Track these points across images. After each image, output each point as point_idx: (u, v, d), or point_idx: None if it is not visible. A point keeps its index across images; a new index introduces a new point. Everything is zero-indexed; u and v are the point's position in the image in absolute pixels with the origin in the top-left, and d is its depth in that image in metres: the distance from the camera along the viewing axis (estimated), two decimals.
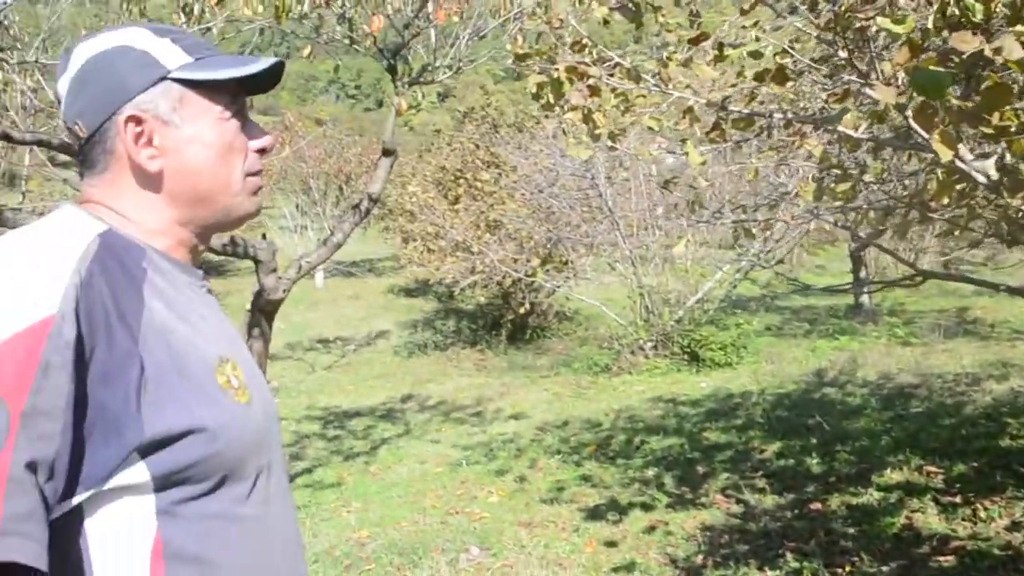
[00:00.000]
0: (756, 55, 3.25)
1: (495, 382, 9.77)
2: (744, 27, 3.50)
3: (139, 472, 0.94)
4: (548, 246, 10.77)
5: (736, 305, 11.17)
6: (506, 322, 12.22)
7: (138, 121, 1.05)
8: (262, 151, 1.16)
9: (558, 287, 10.83)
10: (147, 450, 0.93)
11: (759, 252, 8.41)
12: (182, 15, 4.17)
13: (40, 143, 4.12)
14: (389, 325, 14.44)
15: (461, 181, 12.22)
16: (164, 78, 1.06)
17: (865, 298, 11.19)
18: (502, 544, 4.48)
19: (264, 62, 1.10)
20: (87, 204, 1.09)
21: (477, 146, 12.38)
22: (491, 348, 11.92)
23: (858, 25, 2.75)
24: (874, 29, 2.71)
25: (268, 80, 1.15)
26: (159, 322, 0.99)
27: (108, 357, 0.92)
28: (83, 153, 1.10)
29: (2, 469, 0.83)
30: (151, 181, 1.08)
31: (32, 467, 0.86)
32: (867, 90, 2.77)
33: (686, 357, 9.07)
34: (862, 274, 11.11)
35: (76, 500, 0.92)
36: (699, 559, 4.00)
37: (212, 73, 1.08)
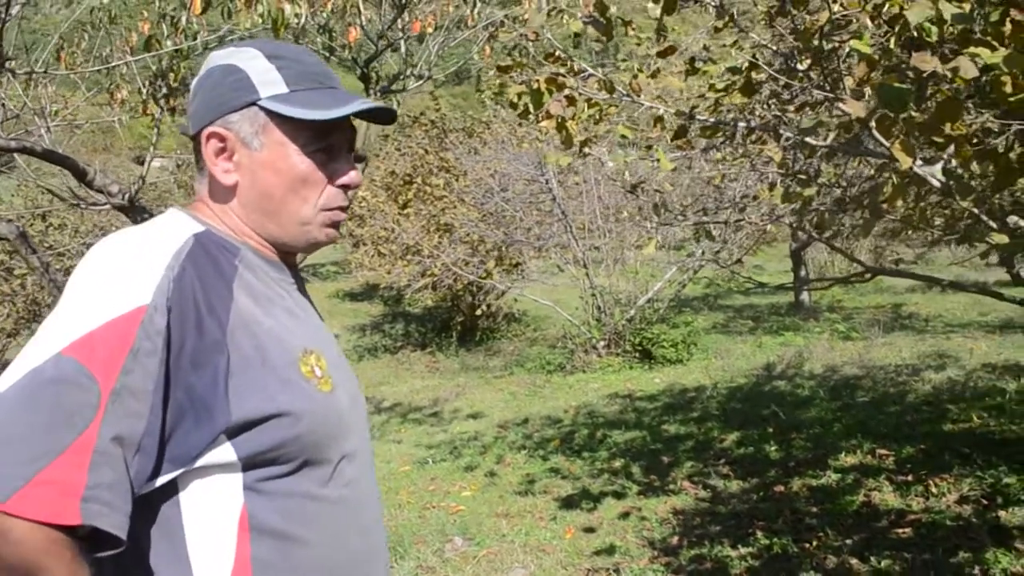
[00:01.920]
0: (735, 70, 3.50)
1: (449, 383, 9.90)
2: (724, 45, 3.75)
3: (227, 452, 1.04)
4: (499, 249, 10.95)
5: (682, 305, 11.50)
6: (456, 324, 12.37)
7: (221, 138, 1.15)
8: (345, 187, 1.21)
9: (510, 289, 11.01)
10: (233, 432, 1.03)
11: (716, 252, 8.72)
12: (165, 27, 4.24)
13: (24, 150, 4.16)
14: (336, 329, 14.43)
15: (411, 186, 12.33)
16: (254, 103, 1.15)
17: (805, 296, 11.64)
18: (483, 534, 4.65)
19: (357, 105, 1.16)
20: (195, 204, 1.22)
21: (427, 151, 12.50)
22: (442, 350, 12.04)
23: (830, 46, 3.00)
24: (847, 49, 2.96)
25: (373, 116, 1.24)
26: (246, 315, 1.08)
27: (198, 345, 1.02)
28: (194, 150, 1.21)
29: (89, 441, 0.93)
30: (226, 192, 1.18)
31: (119, 441, 0.96)
32: (839, 103, 3.02)
33: (638, 355, 9.34)
34: (802, 272, 11.54)
35: (167, 477, 1.03)
36: (675, 540, 4.23)
37: (295, 110, 1.14)
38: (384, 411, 8.91)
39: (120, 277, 1.02)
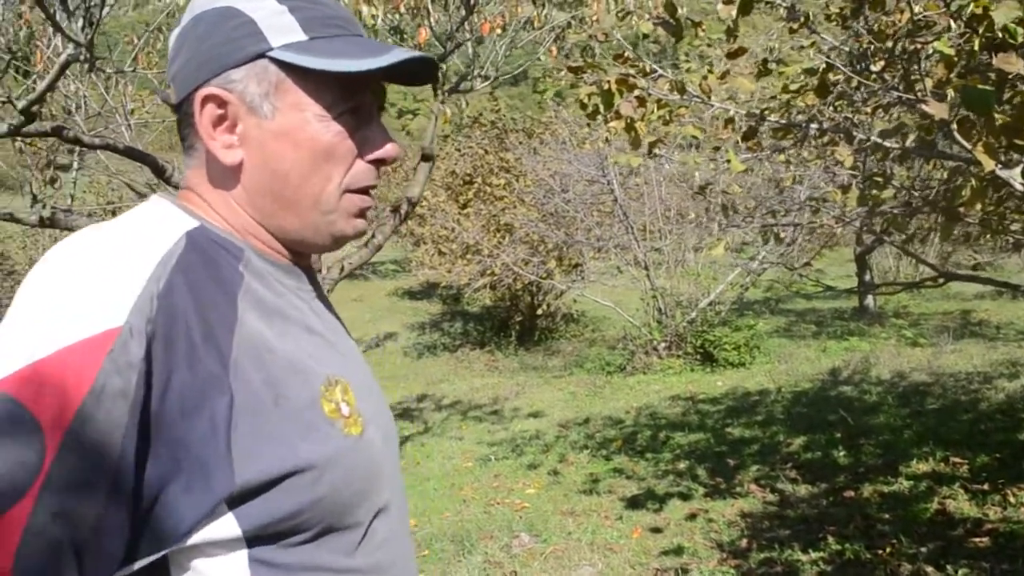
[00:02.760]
0: (811, 71, 3.48)
1: (508, 382, 9.93)
2: (795, 48, 3.73)
3: (227, 525, 0.77)
4: (559, 249, 10.98)
5: (744, 308, 11.40)
6: (515, 324, 12.42)
7: (220, 102, 0.86)
8: (379, 162, 0.94)
9: (571, 289, 11.03)
10: (237, 500, 0.77)
11: (780, 255, 8.64)
12: None
13: (107, 147, 4.28)
14: (396, 327, 14.59)
15: (472, 185, 12.42)
16: (263, 55, 0.86)
17: (870, 301, 11.45)
18: (549, 531, 4.67)
19: (396, 54, 0.87)
20: (182, 192, 0.93)
21: (487, 151, 12.58)
22: (501, 349, 12.09)
23: (912, 47, 2.97)
24: (930, 50, 2.93)
25: (410, 74, 0.94)
26: (254, 339, 0.82)
27: (190, 384, 0.75)
28: (177, 123, 0.92)
29: (20, 514, 0.66)
30: (228, 174, 0.89)
31: (64, 518, 0.68)
32: (920, 105, 2.98)
33: (699, 357, 9.28)
34: (866, 277, 11.35)
35: (146, 561, 0.75)
36: (743, 543, 4.20)
37: (320, 61, 0.86)
38: (444, 408, 8.99)
39: (83, 290, 0.74)
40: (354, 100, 0.89)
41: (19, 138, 4.11)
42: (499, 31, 5.14)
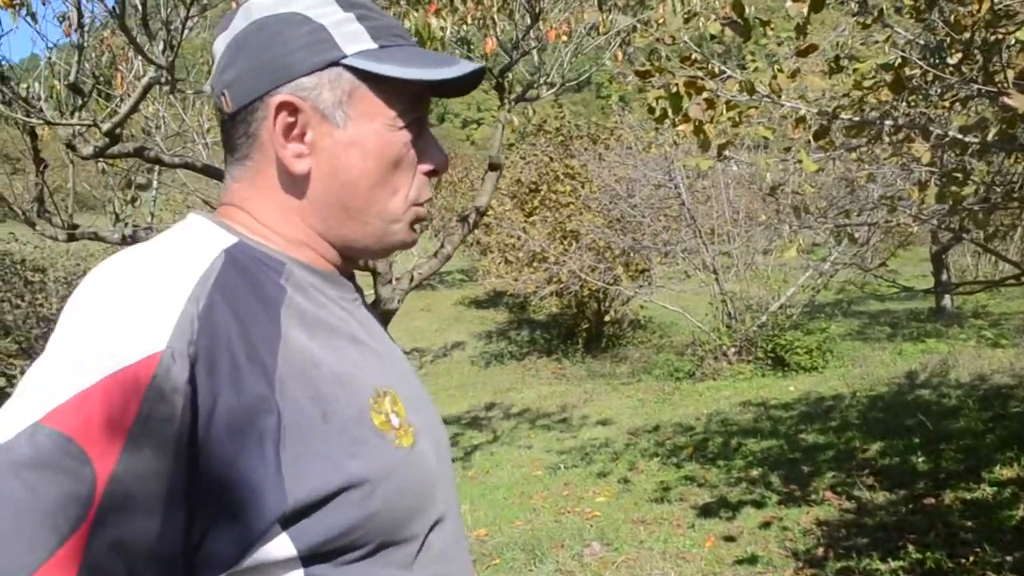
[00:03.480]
0: (887, 67, 3.40)
1: (576, 390, 9.91)
2: (877, 41, 3.65)
3: (283, 546, 0.76)
4: (626, 255, 10.92)
5: (816, 311, 11.19)
6: (581, 331, 12.40)
7: (293, 109, 0.85)
8: (432, 173, 0.94)
9: (638, 295, 10.96)
10: (291, 519, 0.76)
11: (854, 255, 8.47)
12: None
13: (186, 166, 4.39)
14: (463, 336, 14.68)
15: (537, 193, 12.44)
16: (337, 63, 0.86)
17: (947, 301, 11.13)
18: (620, 540, 4.64)
19: (463, 66, 0.88)
20: (222, 208, 0.92)
21: (551, 158, 12.59)
22: (568, 357, 12.07)
23: (993, 38, 2.89)
24: (1013, 41, 2.84)
25: (464, 85, 0.94)
26: (300, 355, 0.80)
27: (236, 405, 0.74)
28: (225, 132, 0.91)
29: (75, 550, 0.66)
30: (294, 184, 0.88)
31: (119, 549, 0.68)
32: (1002, 98, 2.90)
33: (770, 362, 9.14)
34: (943, 276, 11.05)
35: None
36: (820, 552, 4.12)
37: (397, 69, 0.86)
38: (513, 417, 9.00)
39: (122, 315, 0.73)
40: (418, 110, 0.90)
41: (102, 159, 4.25)
42: (564, 38, 5.14)
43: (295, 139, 0.86)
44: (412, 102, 0.89)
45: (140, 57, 3.68)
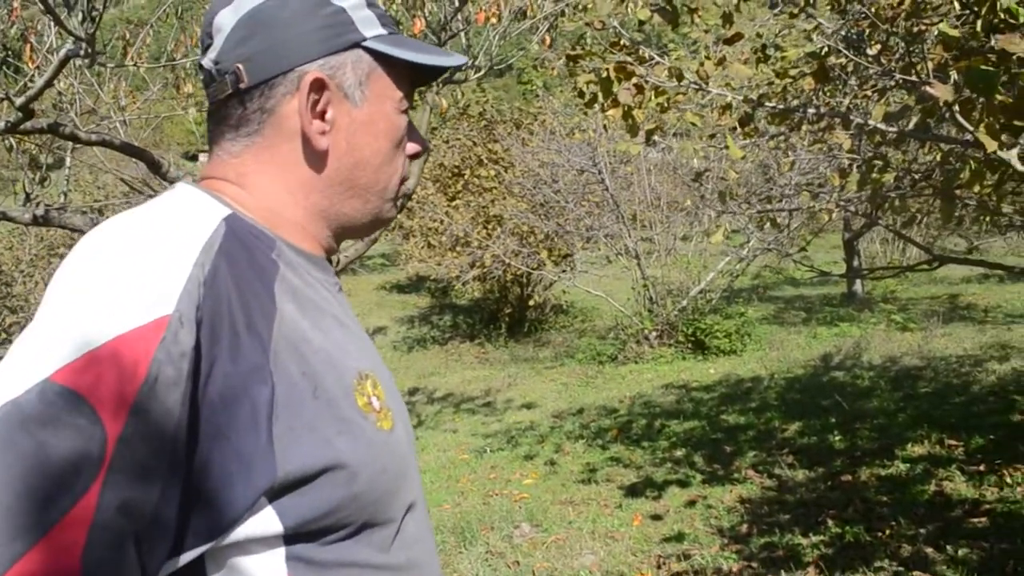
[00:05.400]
0: (815, 55, 3.48)
1: (500, 374, 9.94)
2: (804, 30, 3.73)
3: (268, 520, 0.75)
4: (549, 240, 10.98)
5: (734, 296, 11.44)
6: (504, 316, 12.43)
7: (320, 87, 0.87)
8: (416, 155, 0.99)
9: (561, 279, 11.04)
10: (278, 492, 0.75)
11: (771, 241, 8.68)
12: None
13: (104, 143, 4.24)
14: (385, 321, 14.57)
15: (460, 177, 12.39)
16: (358, 44, 0.89)
17: (858, 286, 11.51)
18: (549, 521, 4.68)
19: (458, 57, 0.94)
20: (208, 181, 0.90)
21: (475, 143, 12.55)
22: (491, 342, 12.10)
23: (916, 30, 2.98)
24: (936, 32, 2.93)
25: (437, 74, 1.00)
26: (294, 330, 0.80)
27: (231, 374, 0.73)
28: (227, 108, 0.89)
29: (86, 511, 0.64)
30: (314, 159, 0.89)
31: (126, 511, 0.67)
32: (925, 87, 2.99)
33: (691, 345, 9.31)
34: (855, 263, 11.42)
35: (190, 555, 0.73)
36: (744, 528, 4.22)
37: (411, 54, 0.90)
38: (437, 401, 8.99)
39: (131, 276, 0.71)
40: (411, 95, 0.95)
41: (11, 136, 4.07)
42: (494, 20, 5.12)
43: (318, 116, 0.88)
44: (410, 87, 0.95)
45: (56, 29, 3.53)
